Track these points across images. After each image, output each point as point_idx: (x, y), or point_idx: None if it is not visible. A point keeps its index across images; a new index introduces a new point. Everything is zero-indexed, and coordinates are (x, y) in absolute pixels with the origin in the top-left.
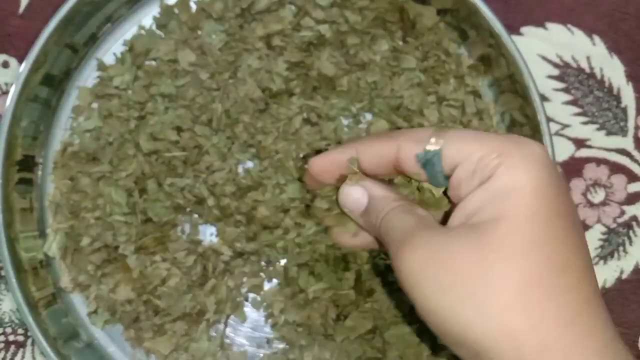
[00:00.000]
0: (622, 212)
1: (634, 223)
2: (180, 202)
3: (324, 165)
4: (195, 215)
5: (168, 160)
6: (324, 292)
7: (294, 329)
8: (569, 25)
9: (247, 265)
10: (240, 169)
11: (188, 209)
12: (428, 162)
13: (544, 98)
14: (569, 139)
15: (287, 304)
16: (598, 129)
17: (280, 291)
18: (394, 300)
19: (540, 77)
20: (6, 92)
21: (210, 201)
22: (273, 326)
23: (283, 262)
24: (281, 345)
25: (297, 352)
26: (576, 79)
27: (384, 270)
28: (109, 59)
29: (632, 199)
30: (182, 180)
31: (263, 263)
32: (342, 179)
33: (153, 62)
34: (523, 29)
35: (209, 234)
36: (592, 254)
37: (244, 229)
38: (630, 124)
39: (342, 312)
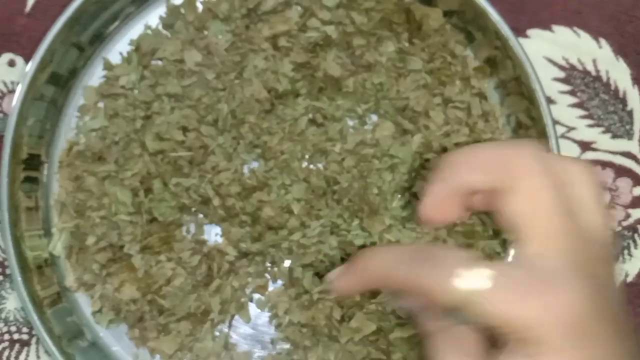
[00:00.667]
0: (628, 215)
1: (639, 226)
2: (186, 202)
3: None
4: (201, 215)
5: (174, 160)
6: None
7: (298, 330)
8: (575, 28)
9: (252, 265)
10: (245, 170)
11: (193, 209)
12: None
13: (549, 100)
14: (575, 141)
15: (291, 305)
16: (604, 132)
17: (285, 292)
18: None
19: (546, 80)
20: (12, 91)
21: (216, 201)
22: (277, 327)
23: (288, 262)
24: (285, 346)
25: (301, 353)
26: (582, 82)
27: None
28: (115, 58)
29: (637, 202)
30: (188, 180)
31: (268, 264)
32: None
33: (159, 62)
34: (529, 31)
35: (214, 234)
36: None
37: (249, 229)
38: (636, 127)
39: (347, 313)
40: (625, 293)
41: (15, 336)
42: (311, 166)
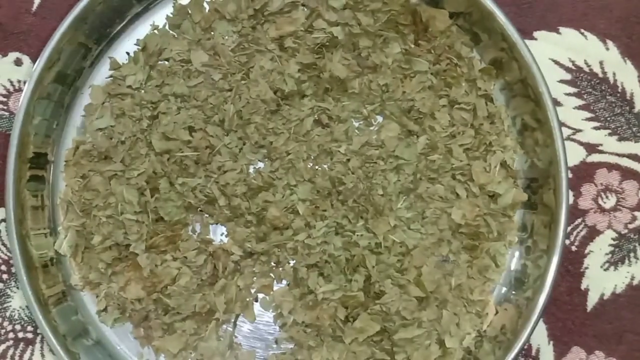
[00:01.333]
0: (634, 218)
1: None
2: (192, 201)
3: None
4: (206, 215)
5: (180, 159)
6: (333, 294)
7: (303, 330)
8: (582, 30)
9: (257, 265)
10: (251, 170)
11: (199, 209)
12: None
13: (555, 102)
14: (581, 144)
15: (296, 305)
16: (610, 134)
17: (290, 292)
18: (403, 303)
19: (551, 82)
20: (19, 90)
21: (221, 201)
22: (282, 326)
23: (293, 263)
24: (289, 346)
25: (306, 353)
26: (589, 84)
27: (393, 272)
28: (121, 58)
29: None
30: (194, 180)
31: (273, 264)
32: None
33: (166, 62)
34: (536, 33)
35: (219, 234)
36: (603, 260)
37: (254, 229)
38: None
39: (351, 313)
40: (631, 296)
41: (20, 334)
42: (316, 167)
